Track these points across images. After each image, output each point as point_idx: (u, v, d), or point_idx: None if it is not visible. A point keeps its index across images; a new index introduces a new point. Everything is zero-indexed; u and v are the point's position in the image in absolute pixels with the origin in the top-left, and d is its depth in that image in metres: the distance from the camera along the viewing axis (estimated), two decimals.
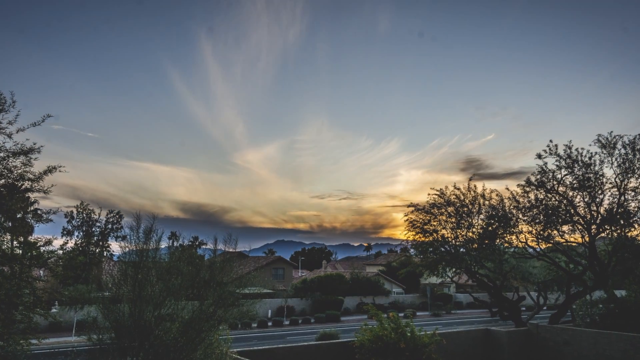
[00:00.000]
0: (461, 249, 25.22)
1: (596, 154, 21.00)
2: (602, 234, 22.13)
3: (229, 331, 11.22)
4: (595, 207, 21.48)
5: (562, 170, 21.60)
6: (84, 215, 54.61)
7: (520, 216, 23.52)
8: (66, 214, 53.43)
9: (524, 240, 23.79)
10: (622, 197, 20.79)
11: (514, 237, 23.91)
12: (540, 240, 23.38)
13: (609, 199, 21.25)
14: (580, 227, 22.09)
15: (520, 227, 23.80)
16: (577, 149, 21.30)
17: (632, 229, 21.18)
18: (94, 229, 55.02)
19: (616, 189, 20.93)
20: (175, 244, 14.79)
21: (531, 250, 25.12)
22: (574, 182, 21.49)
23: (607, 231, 21.65)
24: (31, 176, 11.48)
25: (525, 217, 23.28)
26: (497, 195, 24.40)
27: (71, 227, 54.31)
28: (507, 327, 20.31)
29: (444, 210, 25.28)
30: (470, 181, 25.24)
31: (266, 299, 44.88)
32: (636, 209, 20.89)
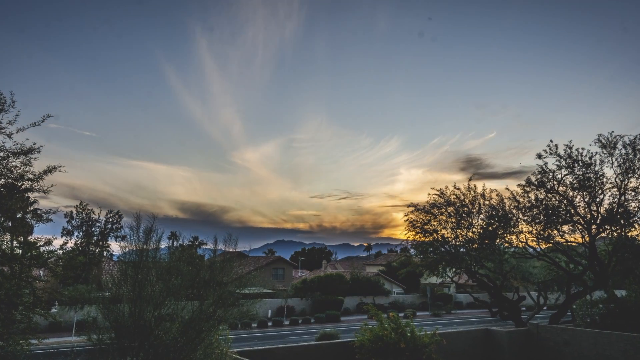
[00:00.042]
0: (461, 249, 25.21)
1: (596, 153, 21.02)
2: (603, 234, 22.15)
3: (228, 331, 11.21)
4: (595, 207, 21.49)
5: (563, 170, 21.61)
6: (84, 215, 54.70)
7: (520, 216, 23.52)
8: (66, 214, 53.52)
9: (524, 240, 23.79)
10: (623, 197, 20.80)
11: (514, 237, 23.90)
12: (540, 240, 23.38)
13: (609, 199, 21.28)
14: (580, 227, 22.09)
15: (520, 227, 23.80)
16: (577, 149, 21.33)
17: (633, 229, 21.19)
18: (93, 229, 55.11)
19: (616, 189, 20.95)
20: (175, 244, 14.82)
21: (531, 250, 25.11)
22: (574, 182, 21.49)
23: (608, 231, 21.66)
24: (31, 176, 11.48)
25: (525, 217, 23.28)
26: (497, 195, 24.41)
27: (71, 227, 54.44)
28: (507, 327, 20.30)
29: (444, 210, 25.26)
30: (470, 181, 25.24)
31: (266, 299, 44.85)
32: (636, 209, 20.90)
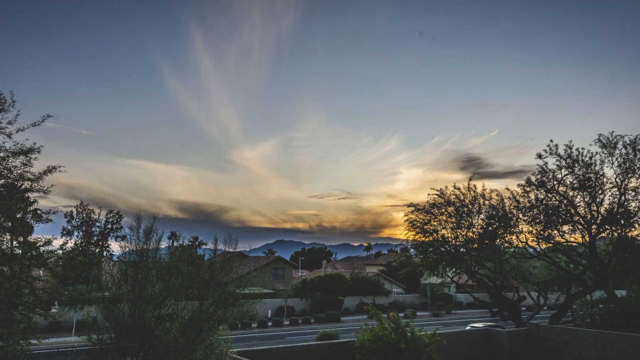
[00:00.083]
0: (461, 249, 25.19)
1: (597, 153, 21.04)
2: (603, 234, 22.15)
3: (228, 331, 11.22)
4: (595, 207, 21.49)
5: (563, 170, 21.62)
6: (84, 215, 54.68)
7: (520, 216, 23.51)
8: (66, 214, 53.50)
9: (524, 240, 23.78)
10: (623, 197, 20.81)
11: (514, 237, 23.89)
12: (540, 240, 23.37)
13: (609, 199, 21.31)
14: (580, 227, 22.08)
15: (520, 227, 23.81)
16: (577, 149, 21.35)
17: (633, 229, 21.21)
18: (93, 229, 55.09)
19: (617, 189, 20.95)
20: (175, 244, 14.82)
21: (531, 250, 25.09)
22: (575, 182, 21.49)
23: (608, 231, 21.66)
24: (31, 176, 11.46)
25: (525, 217, 23.28)
26: (497, 195, 24.41)
27: (71, 227, 54.42)
28: (508, 327, 20.29)
29: (444, 210, 25.24)
30: (470, 181, 25.23)
31: (266, 299, 44.83)
32: (636, 209, 20.91)
